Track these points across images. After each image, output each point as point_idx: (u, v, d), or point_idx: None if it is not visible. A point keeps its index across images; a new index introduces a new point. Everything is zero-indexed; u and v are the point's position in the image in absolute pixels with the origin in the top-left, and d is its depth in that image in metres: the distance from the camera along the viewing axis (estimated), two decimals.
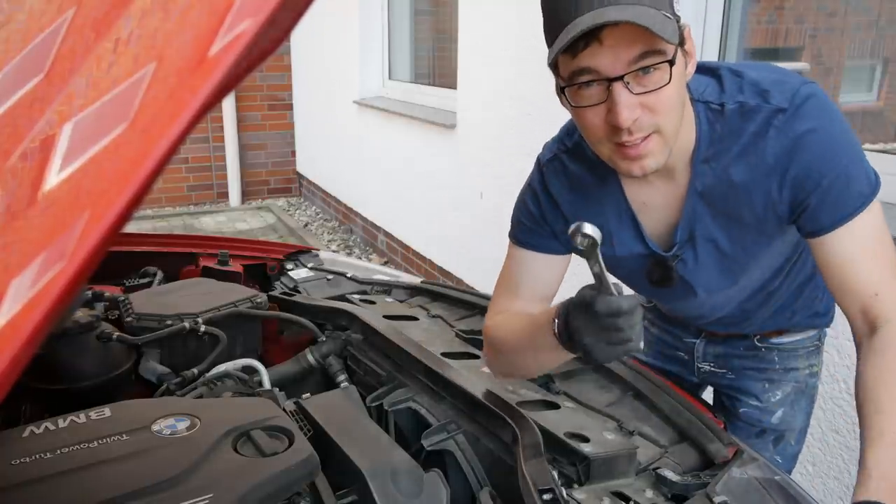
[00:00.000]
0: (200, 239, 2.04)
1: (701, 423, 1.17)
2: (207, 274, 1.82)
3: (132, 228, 2.63)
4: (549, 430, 1.09)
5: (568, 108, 0.99)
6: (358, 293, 1.75)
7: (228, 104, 6.19)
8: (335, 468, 1.03)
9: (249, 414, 1.00)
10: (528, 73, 2.96)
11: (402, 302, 1.73)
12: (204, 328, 1.44)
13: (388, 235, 4.82)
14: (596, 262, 0.85)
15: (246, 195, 6.60)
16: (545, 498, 0.92)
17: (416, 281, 1.84)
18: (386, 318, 1.52)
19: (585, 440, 1.07)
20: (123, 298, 1.52)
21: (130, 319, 1.45)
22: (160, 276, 1.85)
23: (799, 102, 0.98)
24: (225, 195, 6.50)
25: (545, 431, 1.08)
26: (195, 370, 1.36)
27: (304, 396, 1.23)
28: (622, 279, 1.28)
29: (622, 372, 1.32)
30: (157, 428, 0.96)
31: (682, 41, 0.93)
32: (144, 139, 0.36)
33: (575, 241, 0.83)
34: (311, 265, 1.94)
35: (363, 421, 1.16)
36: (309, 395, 1.25)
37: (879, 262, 1.00)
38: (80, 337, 1.34)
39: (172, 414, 0.99)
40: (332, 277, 1.85)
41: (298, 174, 6.74)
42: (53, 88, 0.48)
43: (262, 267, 1.96)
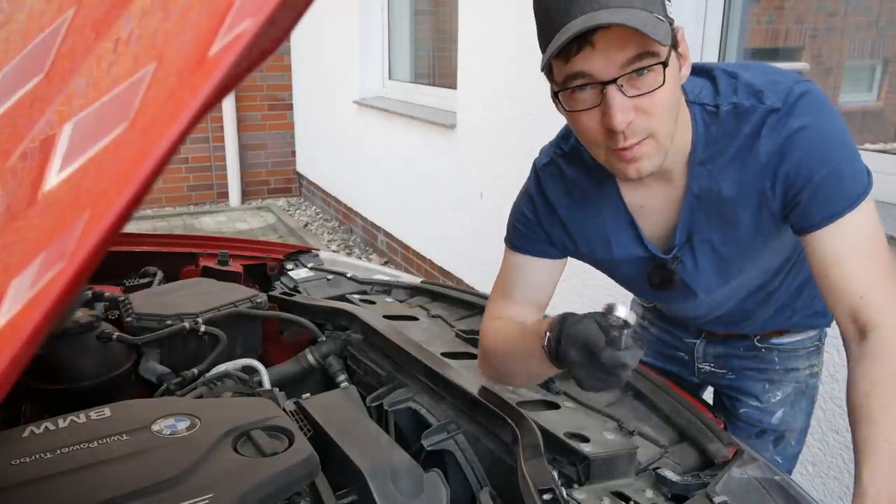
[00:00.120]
0: (200, 239, 2.04)
1: (701, 423, 1.17)
2: (207, 274, 1.82)
3: (132, 228, 2.63)
4: (549, 430, 1.09)
5: (563, 112, 0.99)
6: (358, 293, 1.75)
7: (228, 104, 6.19)
8: (335, 468, 1.03)
9: (249, 414, 1.00)
10: (528, 73, 2.96)
11: (402, 302, 1.73)
12: (204, 328, 1.44)
13: (388, 235, 4.82)
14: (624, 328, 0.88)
15: (246, 195, 6.60)
16: (545, 498, 0.92)
17: (416, 281, 1.84)
18: (386, 318, 1.52)
19: (585, 440, 1.07)
20: (123, 298, 1.52)
21: (130, 319, 1.45)
22: (160, 276, 1.85)
23: (793, 101, 0.98)
24: (225, 195, 6.50)
25: (545, 431, 1.08)
26: (195, 370, 1.36)
27: (304, 396, 1.23)
28: (621, 282, 1.28)
29: None
30: (157, 428, 0.95)
31: (675, 43, 0.93)
32: (144, 139, 0.36)
33: (608, 318, 0.87)
34: (311, 265, 1.94)
35: (363, 421, 1.16)
36: (309, 395, 1.25)
37: (869, 263, 0.99)
38: (80, 337, 1.34)
39: (172, 414, 0.99)
40: (332, 277, 1.85)
41: (298, 174, 6.75)
42: (53, 88, 0.48)
43: (262, 267, 1.96)
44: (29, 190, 0.42)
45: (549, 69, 0.95)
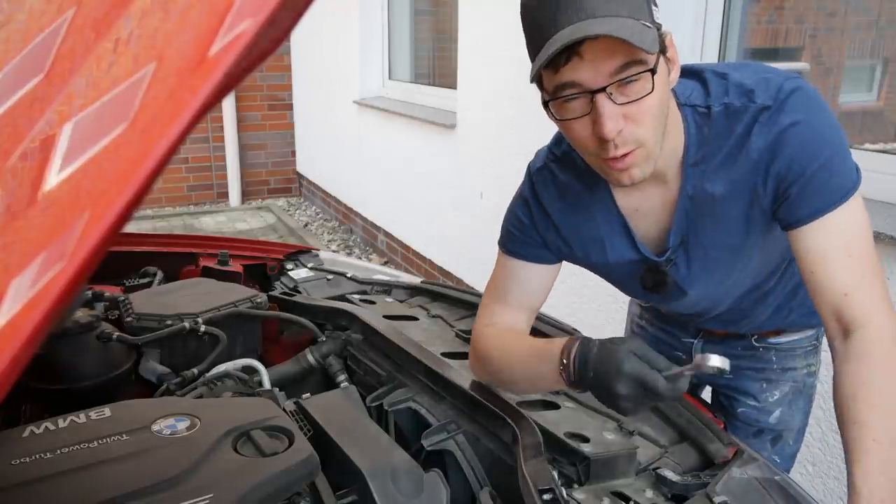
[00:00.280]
0: (200, 239, 2.04)
1: (701, 423, 1.17)
2: (207, 274, 1.82)
3: (132, 228, 2.63)
4: (549, 430, 1.09)
5: (554, 121, 0.99)
6: (358, 293, 1.75)
7: (228, 104, 6.19)
8: (335, 468, 1.03)
9: (249, 414, 1.00)
10: (528, 73, 2.95)
11: (402, 302, 1.73)
12: (204, 328, 1.44)
13: (388, 235, 4.82)
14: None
15: (246, 195, 6.60)
16: (545, 498, 0.92)
17: (416, 281, 1.84)
18: (386, 318, 1.52)
19: (585, 440, 1.07)
20: (123, 298, 1.52)
21: (130, 319, 1.45)
22: (160, 276, 1.85)
23: (783, 98, 0.98)
24: (225, 195, 6.50)
25: (545, 431, 1.08)
26: (195, 370, 1.36)
27: (304, 396, 1.23)
28: (615, 284, 1.28)
29: None
30: (157, 428, 0.95)
31: (663, 49, 0.93)
32: (144, 139, 0.36)
33: (703, 368, 0.90)
34: (311, 265, 1.94)
35: (363, 421, 1.16)
36: (309, 395, 1.25)
37: (854, 261, 0.98)
38: (80, 337, 1.34)
39: (172, 414, 0.99)
40: (332, 277, 1.85)
41: (298, 174, 6.75)
42: (53, 88, 0.48)
43: (262, 267, 1.96)
44: (29, 190, 0.42)
45: (538, 79, 0.96)
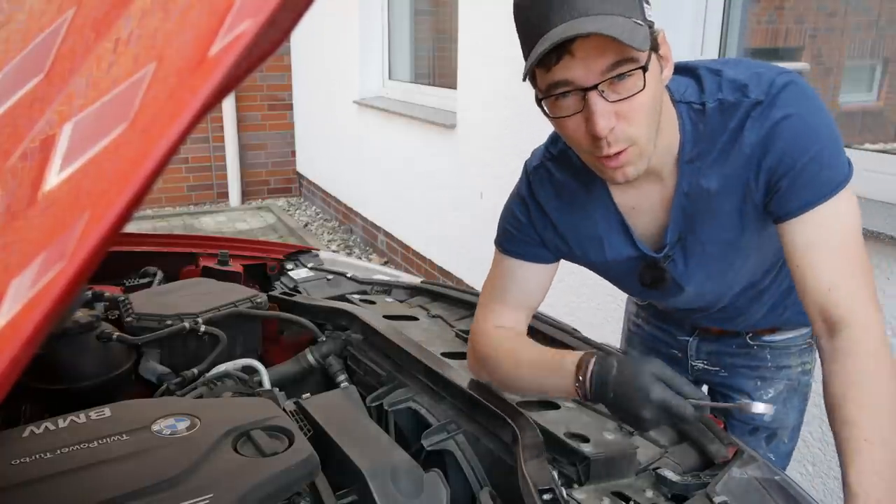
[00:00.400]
0: (200, 239, 2.04)
1: (701, 422, 1.17)
2: (207, 274, 1.82)
3: (132, 228, 2.63)
4: (549, 430, 1.09)
5: (548, 118, 0.99)
6: (358, 293, 1.75)
7: (228, 104, 6.19)
8: (335, 468, 1.03)
9: (249, 414, 1.00)
10: None
11: (402, 302, 1.73)
12: (204, 328, 1.44)
13: (388, 235, 4.82)
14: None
15: (246, 195, 6.60)
16: (545, 498, 0.92)
17: (416, 281, 1.84)
18: (386, 318, 1.52)
19: (585, 440, 1.07)
20: (123, 298, 1.52)
21: (130, 319, 1.45)
22: (160, 276, 1.85)
23: (776, 92, 0.98)
24: (225, 195, 6.51)
25: (545, 431, 1.08)
26: (195, 370, 1.36)
27: (304, 396, 1.23)
28: (613, 281, 1.29)
29: None
30: (157, 428, 0.95)
31: (655, 46, 0.93)
32: (144, 139, 0.36)
33: (747, 412, 0.97)
34: (311, 265, 1.94)
35: (363, 421, 1.16)
36: (309, 395, 1.25)
37: (841, 257, 0.97)
38: (80, 337, 1.34)
39: (172, 414, 0.99)
40: (332, 277, 1.85)
41: (298, 174, 6.75)
42: (53, 88, 0.48)
43: (262, 267, 1.96)
44: (29, 190, 0.42)
45: (532, 76, 0.96)
